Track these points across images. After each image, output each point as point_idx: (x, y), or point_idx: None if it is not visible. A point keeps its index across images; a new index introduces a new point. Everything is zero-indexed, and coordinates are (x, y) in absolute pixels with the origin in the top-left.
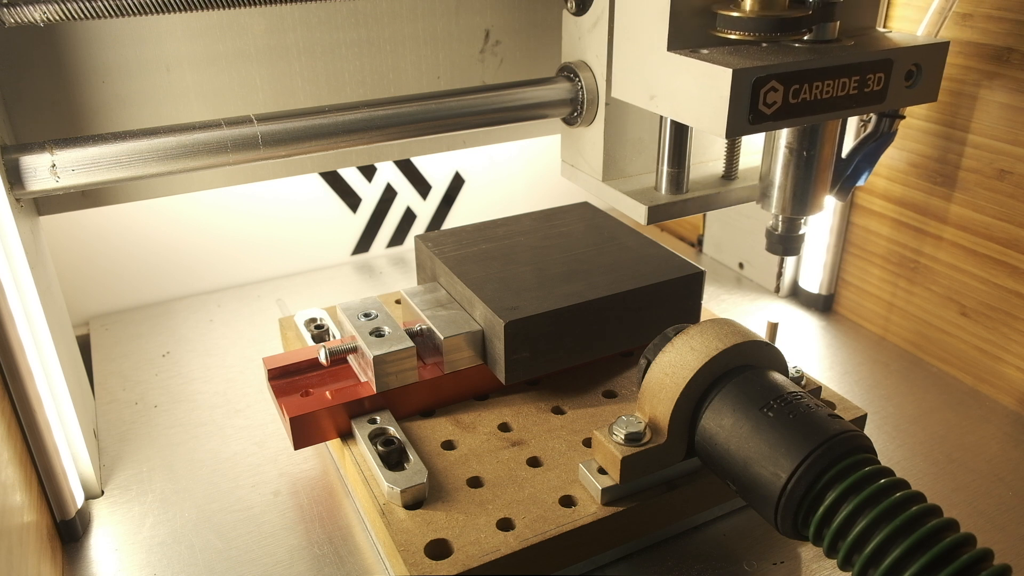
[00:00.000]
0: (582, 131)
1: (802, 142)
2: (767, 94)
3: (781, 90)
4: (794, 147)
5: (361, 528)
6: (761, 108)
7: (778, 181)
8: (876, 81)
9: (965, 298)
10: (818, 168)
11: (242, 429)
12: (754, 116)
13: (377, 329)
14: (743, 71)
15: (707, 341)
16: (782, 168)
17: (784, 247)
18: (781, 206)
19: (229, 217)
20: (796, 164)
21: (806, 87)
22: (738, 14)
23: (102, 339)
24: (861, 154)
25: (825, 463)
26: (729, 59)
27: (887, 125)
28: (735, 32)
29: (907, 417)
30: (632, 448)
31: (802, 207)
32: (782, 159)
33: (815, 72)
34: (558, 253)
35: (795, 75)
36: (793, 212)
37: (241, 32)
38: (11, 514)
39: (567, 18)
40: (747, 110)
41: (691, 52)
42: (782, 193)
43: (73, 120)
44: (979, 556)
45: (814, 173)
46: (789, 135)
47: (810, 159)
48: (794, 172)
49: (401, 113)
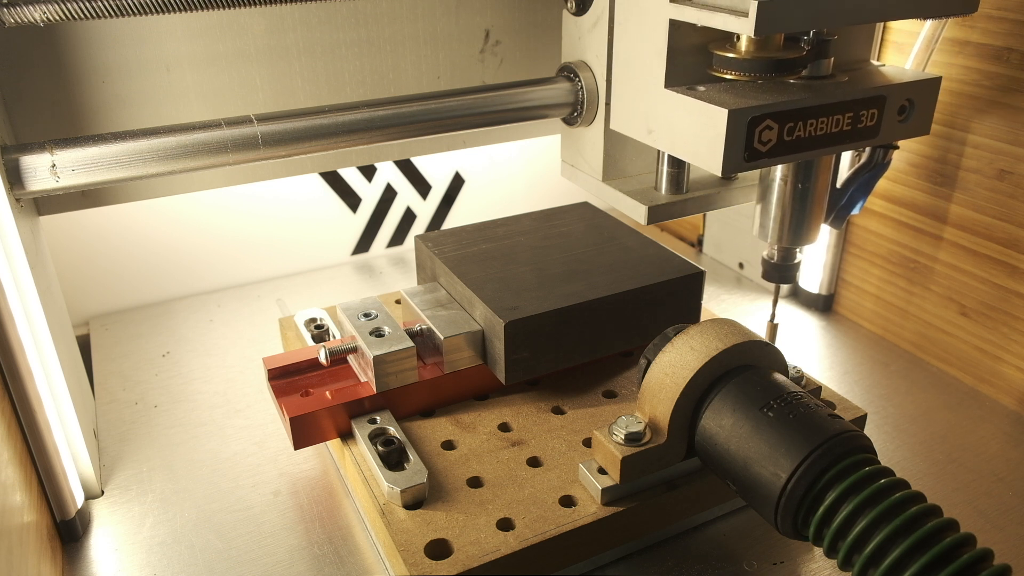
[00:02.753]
0: (582, 131)
1: (797, 175)
2: (762, 132)
3: (776, 128)
4: (789, 180)
5: (361, 528)
6: (756, 146)
7: (773, 212)
8: (870, 117)
9: (965, 298)
10: (813, 200)
11: (242, 429)
12: (749, 154)
13: (377, 329)
14: (738, 111)
15: (707, 341)
16: (777, 200)
17: (780, 275)
18: (776, 237)
19: (229, 217)
20: (791, 196)
21: (801, 124)
22: (733, 55)
23: (102, 339)
24: (856, 184)
25: (825, 463)
26: (725, 98)
27: (881, 155)
28: (731, 72)
29: (907, 417)
30: (632, 448)
31: (797, 238)
32: (777, 191)
33: (810, 110)
34: (558, 253)
35: (790, 113)
36: (789, 242)
37: (241, 32)
38: (11, 514)
39: (567, 18)
40: (743, 148)
41: (688, 89)
42: (777, 224)
43: (73, 120)
44: (979, 556)
45: (809, 205)
46: (784, 169)
47: (805, 191)
48: (789, 204)
49: (401, 113)
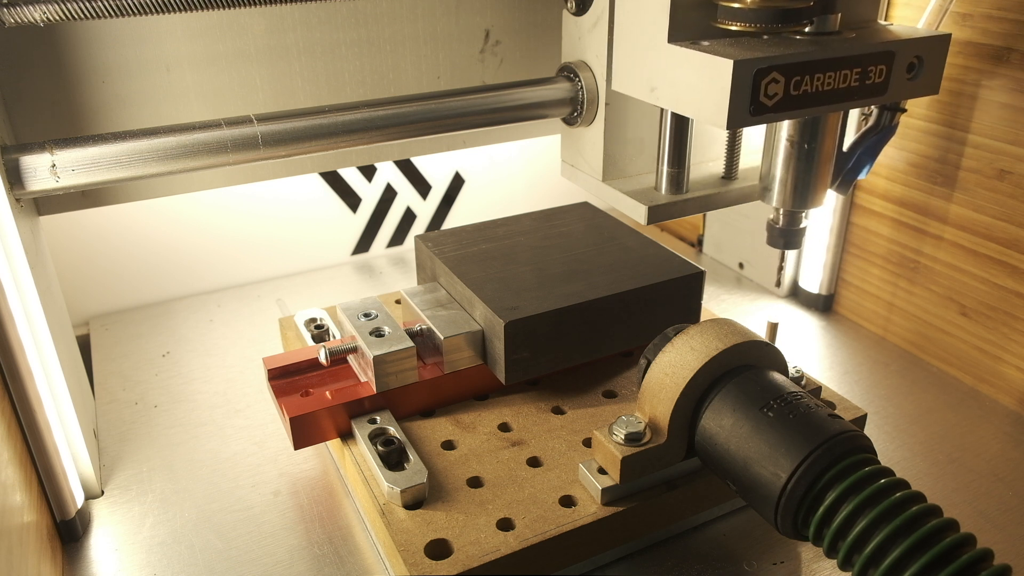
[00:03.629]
0: (582, 131)
1: (803, 135)
2: (768, 85)
3: (782, 82)
4: (795, 140)
5: (361, 528)
6: (762, 100)
7: (779, 175)
8: (878, 73)
9: (965, 298)
10: (819, 161)
11: (242, 429)
12: (755, 108)
13: (377, 329)
14: (744, 62)
15: (707, 341)
16: (783, 161)
17: (785, 241)
18: (782, 199)
19: (229, 217)
20: (797, 157)
21: (807, 79)
22: (739, 5)
23: (102, 339)
24: (862, 147)
25: (825, 463)
26: (730, 50)
27: (888, 118)
28: (736, 23)
29: (907, 417)
30: (632, 448)
31: (803, 200)
32: (783, 152)
33: (817, 64)
34: (558, 253)
35: (797, 66)
36: (794, 205)
37: (241, 32)
38: (11, 514)
39: (567, 18)
40: (748, 102)
41: (692, 44)
42: (783, 187)
43: (73, 120)
44: (979, 556)
45: (815, 166)
46: (790, 128)
47: (811, 152)
48: (795, 165)
49: (401, 113)
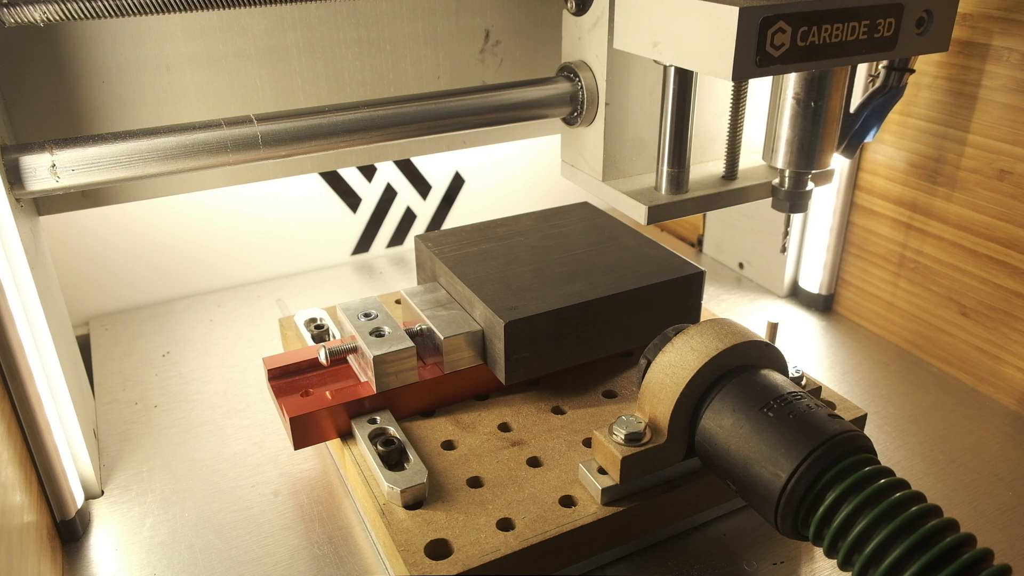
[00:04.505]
0: (582, 131)
1: (809, 92)
2: (775, 35)
3: (789, 31)
4: (801, 97)
5: (361, 528)
6: (769, 50)
7: (785, 134)
8: (887, 27)
9: (965, 298)
10: (826, 120)
11: (242, 429)
12: (761, 58)
13: (377, 329)
14: (750, 10)
15: (707, 341)
16: (789, 120)
17: (791, 203)
18: (788, 160)
19: (229, 217)
20: (803, 115)
21: (815, 29)
22: None
23: (102, 339)
24: (869, 108)
25: (825, 463)
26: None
27: (896, 79)
28: None
29: (907, 417)
30: (632, 448)
31: (809, 161)
32: (789, 110)
33: (825, 14)
34: (558, 253)
35: (804, 16)
36: (800, 166)
37: (241, 32)
38: (11, 514)
39: (567, 18)
40: (754, 51)
41: None
42: (789, 147)
43: (73, 120)
44: (979, 556)
45: (822, 125)
46: (796, 85)
47: (818, 110)
48: (801, 124)
49: (401, 113)
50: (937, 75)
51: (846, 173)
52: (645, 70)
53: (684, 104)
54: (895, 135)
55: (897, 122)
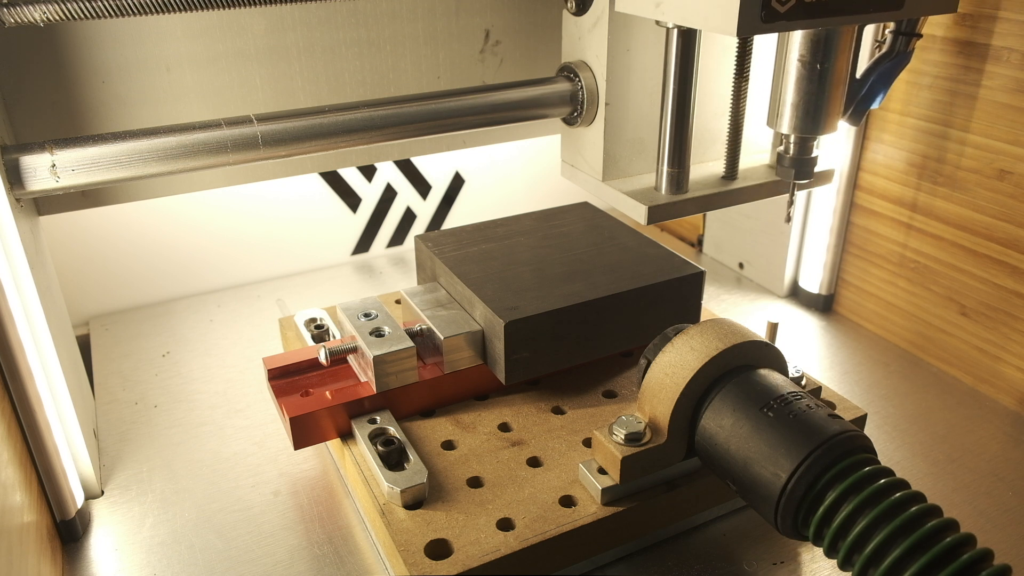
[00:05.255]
0: (582, 131)
1: (815, 54)
2: None
3: None
4: (807, 59)
5: (361, 528)
6: (774, 5)
7: (790, 98)
8: None
9: (965, 298)
10: (832, 82)
11: (242, 429)
12: (767, 14)
13: (377, 329)
14: None
15: (707, 341)
16: (794, 83)
17: (796, 170)
18: (793, 124)
19: (229, 217)
20: (809, 78)
21: None
22: None
23: (102, 339)
24: (876, 74)
25: (825, 463)
26: None
27: (903, 44)
28: None
29: (907, 417)
30: (632, 448)
31: (815, 125)
32: (794, 73)
33: None
34: (558, 253)
35: None
36: (805, 130)
37: (241, 32)
38: (11, 514)
39: (567, 18)
40: (760, 6)
41: None
42: (794, 110)
43: (73, 120)
44: (979, 556)
45: (828, 88)
46: (802, 46)
47: (824, 72)
48: (807, 87)
49: (401, 113)
50: (937, 75)
51: (846, 173)
52: (645, 70)
53: (685, 88)
54: (895, 135)
55: (897, 122)
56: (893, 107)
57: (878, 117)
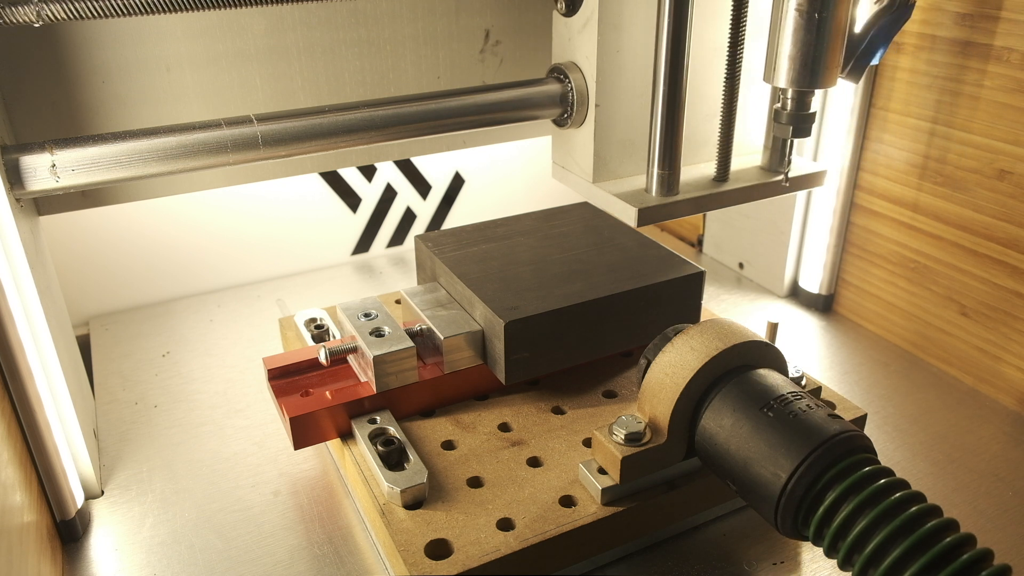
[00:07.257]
0: (572, 133)
1: (814, 2)
2: None
3: None
4: (805, 9)
5: (361, 528)
6: None
7: (787, 50)
8: None
9: (965, 298)
10: (831, 34)
11: (242, 429)
12: None
13: (377, 329)
14: None
15: (707, 341)
16: (792, 34)
17: (794, 127)
18: (791, 78)
19: (229, 217)
20: (807, 28)
21: None
22: None
23: (102, 339)
24: (876, 28)
25: (825, 463)
26: None
27: None
28: None
29: (907, 417)
30: (632, 448)
31: (813, 79)
32: (792, 23)
33: None
34: (558, 253)
35: None
36: (803, 84)
37: (241, 32)
38: (11, 514)
39: (557, 19)
40: None
41: None
42: (792, 63)
43: (73, 120)
44: (979, 556)
45: (827, 39)
46: None
47: (822, 22)
48: (805, 38)
49: (401, 113)
50: (937, 75)
51: (846, 173)
52: (635, 71)
53: (676, 90)
54: (895, 135)
55: (897, 122)
56: (893, 107)
57: (878, 117)
